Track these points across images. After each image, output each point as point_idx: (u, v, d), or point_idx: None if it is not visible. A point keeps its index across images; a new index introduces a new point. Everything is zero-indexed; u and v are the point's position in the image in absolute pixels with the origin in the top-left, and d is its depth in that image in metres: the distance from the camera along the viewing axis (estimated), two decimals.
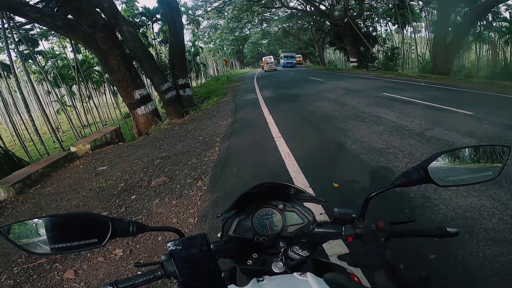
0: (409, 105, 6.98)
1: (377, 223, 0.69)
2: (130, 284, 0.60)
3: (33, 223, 0.55)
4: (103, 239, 0.55)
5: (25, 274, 2.27)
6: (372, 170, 3.49)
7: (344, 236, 0.71)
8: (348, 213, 0.73)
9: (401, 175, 0.69)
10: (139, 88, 9.15)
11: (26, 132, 11.89)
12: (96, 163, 5.50)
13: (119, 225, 0.57)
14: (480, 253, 1.92)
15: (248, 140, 5.45)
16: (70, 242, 0.53)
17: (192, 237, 0.54)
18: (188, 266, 0.53)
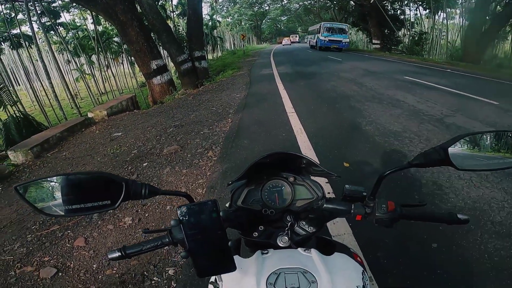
0: (432, 91, 6.69)
1: (388, 203, 0.67)
2: (137, 249, 0.61)
3: (48, 182, 0.55)
4: (116, 201, 0.55)
5: (38, 242, 2.29)
6: (385, 152, 3.42)
7: (352, 214, 0.70)
8: (359, 190, 0.72)
9: (419, 155, 0.66)
10: (156, 59, 9.27)
11: (46, 98, 12.17)
12: (112, 129, 5.64)
13: (132, 187, 0.56)
14: (483, 245, 1.90)
15: (261, 113, 5.41)
16: (84, 203, 0.53)
17: (202, 203, 0.53)
18: (196, 233, 0.52)
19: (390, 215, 0.67)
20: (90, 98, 13.22)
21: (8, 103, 8.11)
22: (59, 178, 0.53)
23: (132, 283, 1.79)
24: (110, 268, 1.93)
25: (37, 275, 1.92)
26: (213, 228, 0.53)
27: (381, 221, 0.67)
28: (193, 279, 1.77)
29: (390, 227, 0.68)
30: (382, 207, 0.67)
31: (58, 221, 2.50)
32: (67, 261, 2.04)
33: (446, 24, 20.32)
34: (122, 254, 0.60)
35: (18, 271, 1.99)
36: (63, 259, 2.06)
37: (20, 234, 2.42)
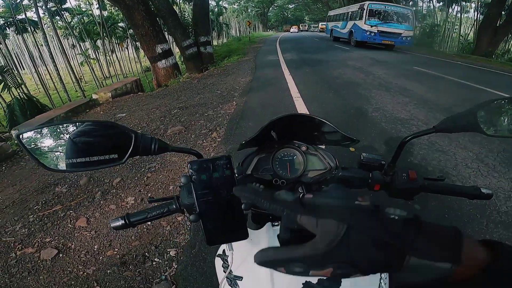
0: (441, 81, 6.57)
1: (409, 172, 0.62)
2: (142, 217, 0.58)
3: (53, 129, 0.50)
4: (124, 156, 0.50)
5: (40, 222, 2.26)
6: (391, 139, 3.37)
7: (371, 184, 0.65)
8: (376, 158, 0.67)
9: (445, 119, 0.61)
10: (161, 43, 9.26)
11: (50, 81, 12.22)
12: (116, 110, 5.62)
13: (141, 141, 0.51)
14: (488, 235, 1.88)
15: (266, 97, 5.36)
16: (90, 157, 0.48)
17: (215, 159, 0.47)
18: (207, 193, 0.47)
19: (411, 184, 0.62)
20: (95, 81, 13.25)
21: (12, 85, 8.15)
22: (64, 125, 0.49)
23: (133, 264, 1.77)
24: (111, 249, 1.92)
25: (37, 256, 1.90)
26: (226, 187, 0.47)
27: (400, 192, 0.63)
28: (194, 260, 1.75)
29: (410, 199, 0.64)
30: (403, 176, 0.62)
31: (60, 201, 2.48)
32: (68, 242, 2.01)
33: (460, 18, 19.92)
34: (126, 223, 0.57)
35: (19, 252, 1.96)
36: (64, 240, 2.04)
37: (22, 215, 2.39)
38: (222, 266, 0.62)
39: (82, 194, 2.55)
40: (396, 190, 0.63)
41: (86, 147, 0.49)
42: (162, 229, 2.03)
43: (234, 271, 0.58)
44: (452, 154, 2.92)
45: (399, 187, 0.62)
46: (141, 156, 0.59)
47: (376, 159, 0.67)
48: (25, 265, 1.83)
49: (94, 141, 0.50)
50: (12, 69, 8.37)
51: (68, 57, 10.24)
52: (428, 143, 3.16)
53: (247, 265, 0.58)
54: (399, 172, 0.63)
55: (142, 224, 0.59)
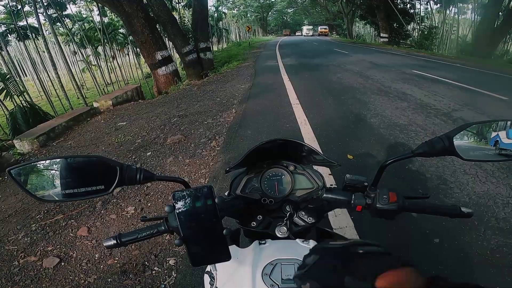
0: (440, 84, 6.57)
1: (389, 194, 0.64)
2: (133, 237, 0.60)
3: (42, 165, 0.53)
4: (110, 186, 0.53)
5: (42, 231, 2.29)
6: (390, 145, 3.38)
7: (353, 205, 0.67)
8: (360, 180, 0.69)
9: (423, 143, 0.63)
10: (161, 50, 9.30)
11: (52, 88, 12.28)
12: (117, 119, 5.65)
13: (126, 172, 0.55)
14: (485, 241, 1.87)
15: (265, 104, 5.39)
16: (78, 188, 0.52)
17: (197, 189, 0.51)
18: (190, 220, 0.50)
19: (392, 206, 0.63)
20: (96, 88, 13.27)
21: (15, 93, 8.17)
22: (53, 161, 0.52)
23: (133, 273, 1.79)
24: (112, 257, 1.94)
25: (40, 264, 1.93)
26: (208, 215, 0.51)
27: (382, 212, 0.65)
28: (193, 270, 1.77)
29: (392, 219, 0.65)
30: (384, 197, 0.64)
31: (62, 210, 2.51)
32: (70, 251, 2.04)
33: (458, 19, 19.97)
34: (118, 242, 0.59)
35: (22, 261, 1.99)
36: (66, 248, 2.07)
37: (24, 224, 2.42)
38: (209, 283, 0.65)
39: (83, 204, 2.58)
40: (377, 211, 0.65)
41: (74, 180, 0.52)
42: (162, 238, 2.05)
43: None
44: (451, 160, 2.90)
45: (379, 208, 0.64)
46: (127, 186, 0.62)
47: (359, 180, 0.69)
48: (28, 273, 1.87)
49: (81, 174, 0.53)
50: (14, 77, 8.40)
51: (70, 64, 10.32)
52: None
53: (232, 283, 0.60)
54: (381, 193, 0.65)
55: (133, 243, 0.62)
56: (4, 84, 8.11)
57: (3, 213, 2.62)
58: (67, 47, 19.61)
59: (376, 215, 0.66)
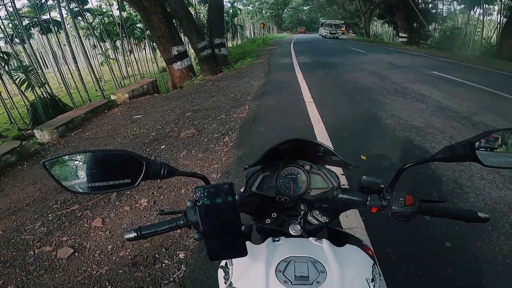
0: (460, 87, 6.36)
1: (406, 197, 0.65)
2: (153, 230, 0.63)
3: (73, 158, 0.56)
4: (136, 180, 0.55)
5: (58, 221, 2.34)
6: (405, 147, 3.31)
7: (368, 206, 0.68)
8: (376, 182, 0.69)
9: (444, 148, 0.62)
10: (177, 45, 9.41)
11: (72, 81, 12.66)
12: (132, 112, 5.77)
13: (152, 167, 0.56)
14: (497, 247, 1.84)
15: (278, 101, 5.37)
16: (106, 181, 0.54)
17: (219, 185, 0.52)
18: (210, 215, 0.51)
19: (408, 209, 0.64)
20: (114, 81, 13.60)
21: (36, 84, 8.45)
22: (84, 154, 0.55)
23: (144, 265, 1.82)
24: (124, 249, 1.98)
25: (54, 255, 1.97)
26: (227, 211, 0.52)
27: (397, 215, 0.65)
28: (202, 264, 1.79)
29: (406, 222, 0.65)
30: (400, 200, 0.64)
31: (78, 201, 2.58)
32: (84, 242, 2.08)
33: (482, 21, 19.24)
34: (138, 235, 0.62)
35: (37, 250, 2.02)
36: (80, 239, 2.11)
37: (41, 213, 2.47)
38: (223, 278, 0.66)
39: (98, 195, 2.62)
40: (393, 214, 0.65)
41: (103, 173, 0.54)
42: (173, 232, 2.06)
43: (234, 283, 0.61)
44: (467, 164, 2.82)
45: (395, 211, 0.65)
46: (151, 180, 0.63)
47: (375, 182, 0.69)
48: (42, 263, 1.91)
49: (110, 167, 0.55)
50: (36, 69, 8.68)
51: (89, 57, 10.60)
52: None
53: (247, 279, 0.61)
54: (397, 196, 0.65)
55: (153, 236, 0.65)
56: (26, 76, 8.39)
57: (22, 202, 2.70)
58: (87, 41, 20.12)
59: (391, 217, 0.66)
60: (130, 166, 0.56)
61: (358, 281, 0.59)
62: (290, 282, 0.56)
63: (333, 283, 0.56)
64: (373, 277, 0.61)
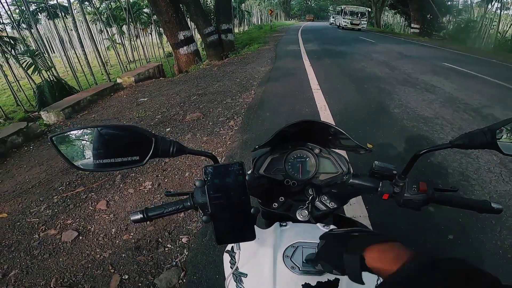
0: (472, 79, 6.20)
1: (419, 184, 0.62)
2: (159, 212, 0.61)
3: (81, 133, 0.53)
4: (144, 158, 0.53)
5: (63, 204, 2.32)
6: (412, 137, 3.26)
7: (379, 193, 0.65)
8: (389, 168, 0.66)
9: (463, 135, 0.59)
10: (184, 30, 9.32)
11: (78, 65, 12.67)
12: (138, 95, 5.77)
13: (161, 144, 0.54)
14: (499, 241, 1.83)
15: (285, 87, 5.31)
16: (114, 158, 0.52)
17: (229, 165, 0.50)
18: (219, 196, 0.50)
19: (420, 196, 0.61)
20: (120, 65, 13.58)
21: (43, 68, 8.48)
22: (92, 129, 0.52)
23: (147, 249, 1.82)
24: (127, 233, 1.98)
25: (59, 238, 1.96)
26: (237, 192, 0.50)
27: (408, 203, 0.62)
28: (205, 248, 1.79)
29: (418, 210, 0.63)
30: (413, 187, 0.62)
31: (83, 183, 2.58)
32: (88, 225, 2.07)
33: (499, 14, 18.64)
34: (144, 217, 0.61)
35: (42, 234, 2.01)
36: (85, 222, 2.10)
37: (47, 195, 2.46)
38: (229, 262, 0.64)
39: (103, 177, 2.64)
40: (405, 201, 0.63)
41: (111, 149, 0.52)
42: (176, 216, 2.08)
43: (240, 268, 0.60)
44: (475, 157, 2.80)
45: (407, 198, 0.62)
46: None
47: (388, 168, 0.67)
48: (47, 247, 1.90)
49: (118, 144, 0.53)
50: (43, 53, 8.69)
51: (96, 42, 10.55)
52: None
53: (253, 264, 0.60)
54: (410, 183, 0.62)
55: (159, 218, 0.63)
56: (33, 60, 8.42)
57: (27, 183, 2.70)
58: (93, 26, 20.02)
59: (402, 205, 0.63)
60: (139, 143, 0.53)
61: None
62: (298, 268, 0.55)
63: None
64: None
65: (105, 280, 1.63)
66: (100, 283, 1.61)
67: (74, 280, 1.64)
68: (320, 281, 0.53)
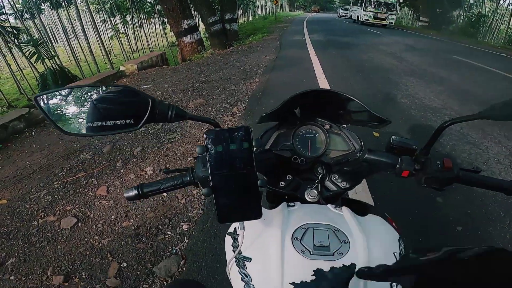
0: (482, 72, 6.08)
1: (444, 160, 0.55)
2: (155, 188, 0.57)
3: (70, 93, 0.49)
4: (139, 121, 0.49)
5: (63, 190, 2.27)
6: (420, 126, 3.19)
7: (398, 170, 0.58)
8: (408, 143, 0.60)
9: (492, 105, 0.53)
10: (187, 19, 9.26)
11: (81, 54, 12.65)
12: (141, 82, 5.72)
13: (158, 107, 0.50)
14: (508, 234, 1.78)
15: (289, 76, 5.24)
16: (105, 121, 0.47)
17: (233, 129, 0.44)
18: (222, 165, 0.44)
19: (445, 174, 0.55)
20: (123, 55, 13.56)
21: (46, 57, 8.48)
22: (82, 89, 0.49)
23: (146, 236, 1.78)
24: (127, 219, 1.93)
25: (58, 225, 1.91)
26: (243, 161, 0.44)
27: (431, 181, 0.56)
28: (205, 236, 1.74)
29: (441, 190, 0.57)
30: (437, 163, 0.55)
31: (84, 168, 2.54)
32: (88, 211, 2.03)
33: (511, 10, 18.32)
34: (139, 193, 0.57)
35: (41, 220, 1.97)
36: (84, 208, 2.06)
37: (47, 181, 2.41)
38: (231, 245, 0.58)
39: (104, 162, 2.61)
40: (427, 179, 0.56)
41: (102, 111, 0.48)
42: (177, 202, 2.05)
43: (244, 252, 0.54)
44: (485, 147, 2.75)
45: (430, 175, 0.55)
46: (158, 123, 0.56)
47: (407, 143, 0.60)
48: (45, 234, 1.85)
49: (111, 106, 0.49)
50: (46, 42, 8.68)
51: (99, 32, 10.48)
52: (459, 134, 2.96)
53: (258, 247, 0.53)
54: (433, 159, 0.56)
55: (156, 195, 0.57)
56: (36, 49, 8.41)
57: (28, 169, 2.66)
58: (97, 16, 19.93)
59: (424, 184, 0.57)
60: (133, 105, 0.49)
61: (385, 255, 0.51)
62: (309, 252, 0.49)
63: (358, 255, 0.48)
64: (400, 252, 0.54)
65: (103, 268, 1.59)
66: (98, 272, 1.57)
67: (71, 269, 1.60)
68: (334, 266, 0.47)
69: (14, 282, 1.53)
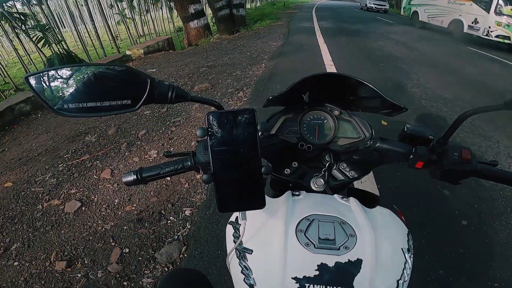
0: (498, 64, 5.84)
1: (462, 152, 0.51)
2: (155, 173, 0.55)
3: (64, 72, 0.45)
4: (137, 102, 0.46)
5: (68, 172, 2.28)
6: (430, 116, 3.12)
7: (412, 160, 0.54)
8: (424, 132, 0.55)
9: None
10: (194, 3, 9.13)
11: (88, 39, 12.62)
12: (147, 66, 5.71)
13: (157, 87, 0.47)
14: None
15: (297, 62, 5.15)
16: (101, 101, 0.44)
17: (237, 111, 0.41)
18: (224, 150, 0.41)
19: (463, 166, 0.50)
20: (129, 39, 13.47)
21: (53, 41, 8.50)
22: (77, 68, 0.45)
23: (149, 222, 1.78)
24: (130, 204, 1.93)
25: (62, 209, 1.92)
26: (246, 146, 0.41)
27: (447, 173, 0.52)
28: (208, 222, 1.74)
29: (457, 183, 0.53)
30: (454, 155, 0.51)
31: (89, 151, 2.55)
32: (92, 195, 2.03)
33: None
34: (138, 178, 0.54)
35: (46, 204, 1.97)
36: (89, 192, 2.06)
37: (52, 164, 2.42)
38: (232, 235, 0.55)
39: (109, 145, 2.61)
40: (443, 171, 0.52)
41: (98, 91, 0.45)
42: (181, 187, 2.04)
43: (245, 243, 0.51)
44: (496, 141, 2.67)
45: (447, 167, 0.51)
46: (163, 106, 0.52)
47: (422, 132, 0.55)
48: (50, 219, 1.86)
49: (107, 86, 0.46)
50: (53, 28, 8.67)
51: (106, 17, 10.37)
52: (470, 126, 2.88)
53: (260, 238, 0.51)
54: (450, 150, 0.51)
55: (155, 180, 0.54)
56: (43, 34, 8.43)
57: (34, 151, 2.68)
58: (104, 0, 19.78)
59: (439, 176, 0.53)
60: (131, 85, 0.46)
61: (393, 251, 0.48)
62: (313, 245, 0.46)
63: (364, 250, 0.45)
64: (408, 247, 0.50)
65: (105, 253, 1.60)
66: (100, 257, 1.58)
67: (74, 254, 1.61)
68: (339, 261, 0.44)
69: (17, 268, 1.55)
